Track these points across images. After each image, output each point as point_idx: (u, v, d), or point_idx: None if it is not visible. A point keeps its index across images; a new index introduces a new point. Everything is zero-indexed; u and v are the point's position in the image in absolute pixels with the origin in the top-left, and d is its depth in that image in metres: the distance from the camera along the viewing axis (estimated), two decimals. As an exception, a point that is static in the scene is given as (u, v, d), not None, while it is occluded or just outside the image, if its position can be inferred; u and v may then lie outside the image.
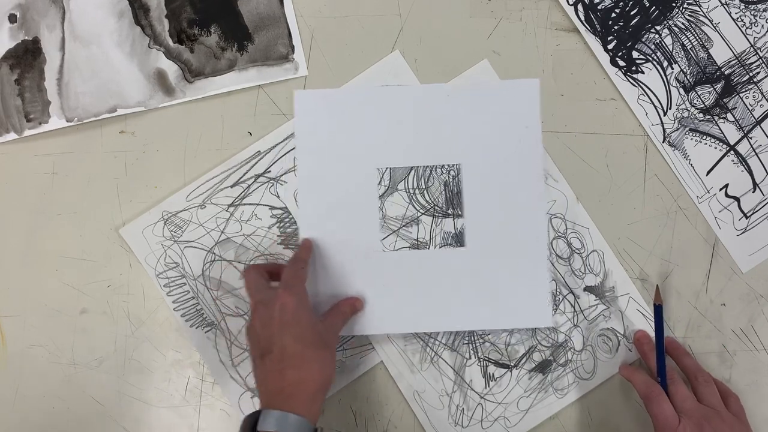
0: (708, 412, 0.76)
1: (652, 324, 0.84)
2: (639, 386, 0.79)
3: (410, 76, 0.86)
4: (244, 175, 0.86)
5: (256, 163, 0.86)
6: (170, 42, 0.86)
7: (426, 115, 0.85)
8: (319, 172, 0.85)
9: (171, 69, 0.86)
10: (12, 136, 0.86)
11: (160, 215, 0.86)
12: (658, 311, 0.80)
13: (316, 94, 0.85)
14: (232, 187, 0.86)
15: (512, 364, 0.85)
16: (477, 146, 0.84)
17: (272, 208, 0.86)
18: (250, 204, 0.86)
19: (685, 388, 0.78)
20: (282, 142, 0.86)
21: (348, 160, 0.85)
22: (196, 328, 0.85)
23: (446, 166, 0.84)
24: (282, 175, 0.86)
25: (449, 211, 0.85)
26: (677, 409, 0.76)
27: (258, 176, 0.86)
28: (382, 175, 0.85)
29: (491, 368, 0.85)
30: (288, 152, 0.86)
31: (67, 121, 0.86)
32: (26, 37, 0.86)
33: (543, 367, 0.85)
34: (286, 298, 0.74)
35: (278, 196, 0.86)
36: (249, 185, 0.86)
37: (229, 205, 0.86)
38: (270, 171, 0.86)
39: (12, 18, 0.86)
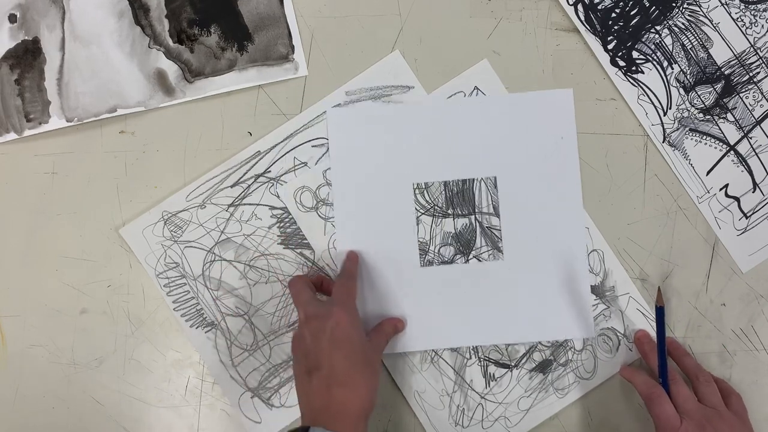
0: (709, 412, 0.75)
1: (653, 324, 0.83)
2: (640, 387, 0.78)
3: (410, 76, 0.85)
4: (244, 175, 0.85)
5: (256, 163, 0.85)
6: (170, 42, 0.85)
7: (460, 128, 0.84)
8: (355, 189, 0.84)
9: (171, 69, 0.85)
10: (12, 136, 0.85)
11: (160, 215, 0.85)
12: (660, 313, 0.79)
13: (348, 111, 0.85)
14: (232, 187, 0.85)
15: (513, 364, 0.84)
16: (513, 158, 0.84)
17: (272, 208, 0.85)
18: (250, 204, 0.85)
19: (686, 389, 0.77)
20: (282, 142, 0.85)
21: (383, 176, 0.84)
22: (196, 328, 0.85)
23: (483, 179, 0.84)
24: (282, 175, 0.85)
25: (449, 211, 0.84)
26: (679, 410, 0.75)
27: (258, 176, 0.85)
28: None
29: (492, 368, 0.84)
30: (288, 152, 0.85)
31: (67, 121, 0.85)
32: (26, 37, 0.85)
33: (543, 367, 0.84)
34: (341, 315, 0.74)
35: (278, 196, 0.85)
36: (249, 185, 0.85)
37: (229, 205, 0.85)
38: (270, 171, 0.85)
39: (12, 18, 0.85)
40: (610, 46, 0.84)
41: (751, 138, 0.84)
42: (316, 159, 0.85)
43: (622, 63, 0.84)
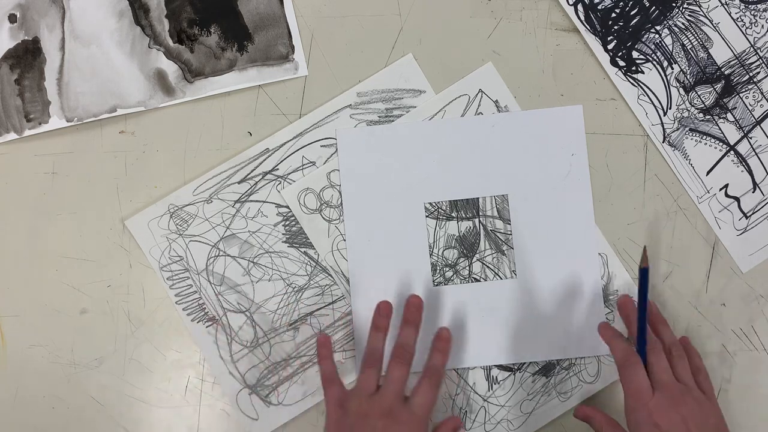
0: (682, 388, 0.70)
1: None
2: (616, 353, 0.72)
3: (422, 80, 0.82)
4: (252, 171, 0.82)
5: (265, 160, 0.82)
6: (170, 42, 0.82)
7: (471, 146, 0.81)
8: (367, 209, 0.81)
9: (171, 69, 0.82)
10: (12, 136, 0.82)
11: (166, 208, 0.82)
12: (644, 274, 0.73)
13: (358, 132, 0.81)
14: (239, 183, 0.82)
15: (515, 367, 0.80)
16: (524, 176, 0.81)
17: (278, 206, 0.82)
18: (256, 201, 0.82)
19: (665, 360, 0.71)
20: (291, 140, 0.82)
21: (395, 196, 0.81)
22: (198, 322, 0.81)
23: (494, 197, 0.80)
24: (290, 173, 0.82)
25: (453, 214, 0.81)
26: (653, 380, 0.70)
27: (266, 173, 0.82)
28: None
29: (494, 371, 0.80)
30: (296, 151, 0.82)
31: (67, 121, 0.82)
32: (26, 37, 0.82)
33: (546, 371, 0.80)
34: None
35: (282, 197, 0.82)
36: (256, 182, 0.82)
37: (236, 201, 0.82)
38: (278, 169, 0.82)
39: (12, 18, 0.82)
40: (610, 46, 0.81)
41: (751, 138, 0.81)
42: (325, 159, 0.82)
43: (622, 63, 0.81)
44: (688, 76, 0.80)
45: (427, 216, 0.80)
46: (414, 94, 0.82)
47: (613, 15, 0.80)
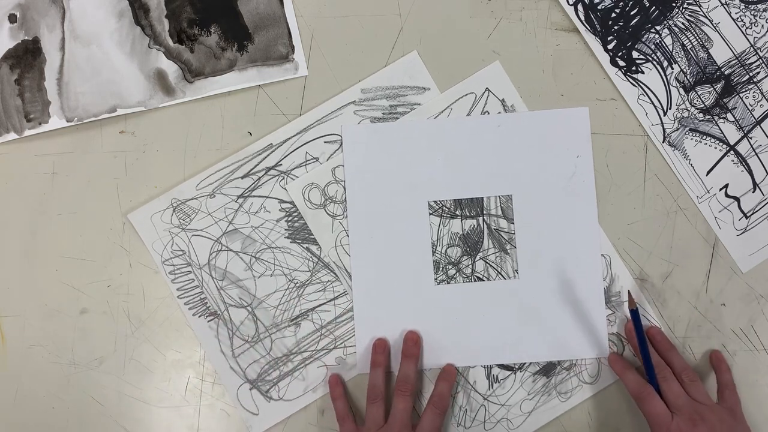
0: (699, 407, 0.72)
1: (656, 325, 0.80)
2: (630, 385, 0.75)
3: (426, 77, 0.81)
4: (256, 166, 0.82)
5: (268, 155, 0.81)
6: (170, 42, 0.81)
7: (476, 146, 0.80)
8: (370, 205, 0.81)
9: (171, 69, 0.81)
10: (12, 136, 0.82)
11: (169, 202, 0.82)
12: (635, 316, 0.74)
13: (363, 128, 0.81)
14: (242, 178, 0.82)
15: (516, 367, 0.80)
16: (529, 177, 0.80)
17: (281, 201, 0.82)
18: (259, 196, 0.82)
19: (677, 385, 0.73)
20: (295, 135, 0.81)
21: (399, 193, 0.80)
22: (199, 317, 0.81)
23: (498, 197, 0.80)
24: (293, 169, 0.81)
25: (457, 212, 0.80)
26: (670, 406, 0.72)
27: (269, 169, 0.82)
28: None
29: (495, 370, 0.80)
30: (300, 146, 0.81)
31: (67, 121, 0.81)
32: (26, 37, 0.82)
33: (547, 371, 0.80)
34: None
35: (287, 192, 0.82)
36: (260, 177, 0.82)
37: (239, 196, 0.82)
38: (281, 164, 0.81)
39: (12, 18, 0.82)
40: (610, 46, 0.80)
41: (751, 138, 0.80)
42: (328, 155, 0.81)
43: (622, 63, 0.80)
44: (688, 76, 0.80)
45: (430, 213, 0.80)
46: (418, 92, 0.81)
47: (613, 15, 0.80)
